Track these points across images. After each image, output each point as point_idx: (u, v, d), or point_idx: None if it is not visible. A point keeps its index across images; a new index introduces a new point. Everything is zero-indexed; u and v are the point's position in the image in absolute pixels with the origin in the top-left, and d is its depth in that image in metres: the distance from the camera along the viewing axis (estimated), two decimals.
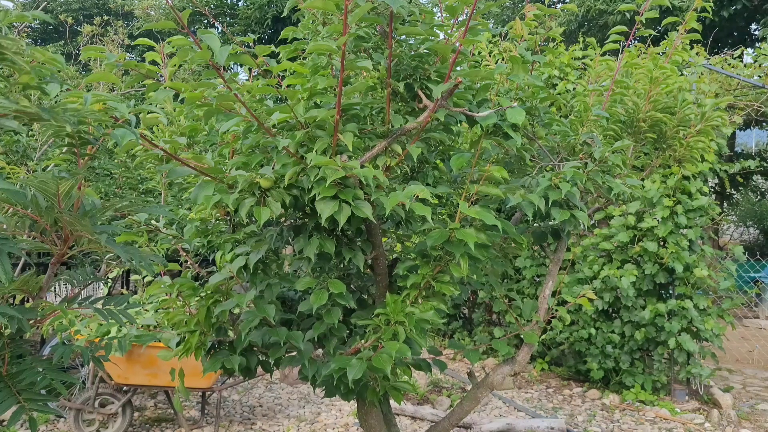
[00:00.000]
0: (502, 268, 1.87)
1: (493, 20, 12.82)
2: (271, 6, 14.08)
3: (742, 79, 5.36)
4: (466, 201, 1.45)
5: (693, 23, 2.16)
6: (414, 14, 1.37)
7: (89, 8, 16.63)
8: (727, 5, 9.65)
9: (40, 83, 1.22)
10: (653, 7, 1.95)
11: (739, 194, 10.75)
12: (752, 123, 6.14)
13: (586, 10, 10.49)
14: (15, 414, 0.95)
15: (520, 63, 1.55)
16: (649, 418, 4.23)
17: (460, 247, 1.41)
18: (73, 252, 1.04)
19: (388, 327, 1.57)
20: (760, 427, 4.10)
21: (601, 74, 3.03)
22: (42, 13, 1.24)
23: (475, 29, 1.46)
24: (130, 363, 3.52)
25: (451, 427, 2.01)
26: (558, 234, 1.86)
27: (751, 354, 5.87)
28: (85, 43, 5.39)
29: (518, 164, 1.86)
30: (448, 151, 1.76)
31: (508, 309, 2.42)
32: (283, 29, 1.70)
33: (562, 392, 4.79)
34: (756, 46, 6.23)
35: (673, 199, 4.43)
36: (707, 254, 4.52)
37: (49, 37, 16.52)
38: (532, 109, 1.74)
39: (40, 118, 1.00)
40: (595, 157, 1.72)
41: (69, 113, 1.06)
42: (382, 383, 1.72)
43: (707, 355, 4.52)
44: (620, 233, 4.56)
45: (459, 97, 1.46)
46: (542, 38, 2.01)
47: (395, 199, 1.27)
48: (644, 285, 4.49)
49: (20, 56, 1.07)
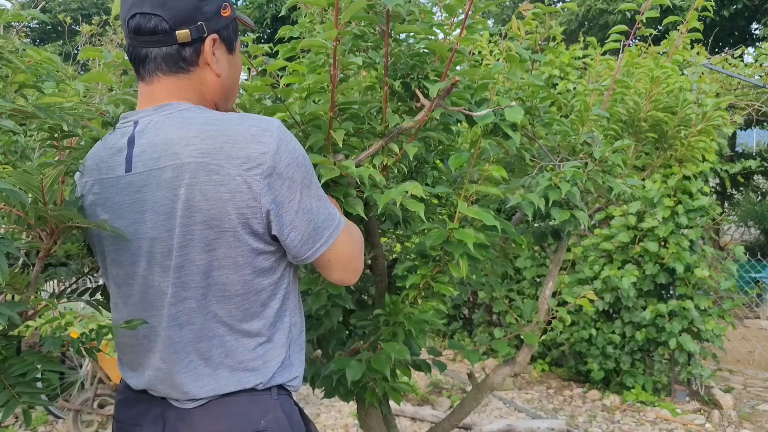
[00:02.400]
0: (502, 269, 1.86)
1: (493, 19, 12.82)
2: (269, 5, 14.09)
3: (743, 78, 5.35)
4: (465, 201, 1.44)
5: (694, 22, 2.15)
6: (413, 14, 1.37)
7: (88, 8, 16.63)
8: (728, 4, 9.64)
9: (37, 82, 1.21)
10: (654, 7, 1.95)
11: (740, 194, 10.75)
12: (753, 123, 6.13)
13: (587, 10, 10.48)
14: (8, 407, 0.94)
15: (517, 62, 1.54)
16: (649, 418, 4.22)
17: (460, 248, 1.41)
18: (59, 247, 1.03)
19: (387, 328, 1.56)
20: (761, 428, 4.09)
21: (602, 74, 3.02)
22: (39, 12, 1.23)
23: (473, 28, 1.45)
24: None
25: (451, 428, 2.00)
26: (558, 234, 1.85)
27: (752, 354, 5.86)
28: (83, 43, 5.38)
29: (518, 164, 1.85)
30: (447, 151, 1.75)
31: (509, 309, 2.41)
32: (281, 28, 1.69)
33: (562, 393, 4.78)
34: (757, 45, 6.22)
35: (674, 199, 4.41)
36: (708, 254, 4.50)
37: (47, 36, 16.52)
38: (532, 109, 1.73)
39: (36, 117, 0.99)
40: (596, 157, 1.71)
41: (65, 111, 1.06)
42: (381, 384, 1.71)
43: (708, 356, 4.51)
44: (621, 233, 4.55)
45: (457, 96, 1.45)
46: (542, 37, 2.00)
47: (388, 195, 1.26)
48: (645, 285, 4.48)
49: (16, 55, 1.06)
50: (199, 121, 1.01)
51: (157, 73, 1.07)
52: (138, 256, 1.05)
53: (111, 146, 1.07)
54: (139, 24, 1.04)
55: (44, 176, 0.91)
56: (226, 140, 0.98)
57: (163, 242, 1.02)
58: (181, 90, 1.08)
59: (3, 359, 0.96)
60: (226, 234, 1.00)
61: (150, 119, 1.05)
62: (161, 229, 1.01)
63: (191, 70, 1.08)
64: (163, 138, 1.01)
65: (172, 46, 1.05)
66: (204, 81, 1.10)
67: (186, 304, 1.04)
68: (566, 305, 1.97)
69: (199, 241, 1.00)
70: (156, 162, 1.01)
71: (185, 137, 0.99)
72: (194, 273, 1.02)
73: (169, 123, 1.02)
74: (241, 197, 0.98)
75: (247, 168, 0.97)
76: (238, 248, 1.01)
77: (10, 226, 1.05)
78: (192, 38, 1.06)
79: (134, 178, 1.03)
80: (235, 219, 0.99)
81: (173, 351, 1.06)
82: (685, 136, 2.18)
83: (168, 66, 1.06)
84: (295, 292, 1.16)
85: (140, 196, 1.02)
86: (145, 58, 1.06)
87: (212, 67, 1.10)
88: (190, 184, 0.97)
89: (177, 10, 1.04)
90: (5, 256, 0.84)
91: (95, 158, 1.09)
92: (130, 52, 1.08)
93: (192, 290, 1.03)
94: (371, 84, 1.56)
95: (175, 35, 1.04)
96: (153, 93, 1.08)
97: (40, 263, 1.01)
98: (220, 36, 1.10)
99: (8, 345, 0.97)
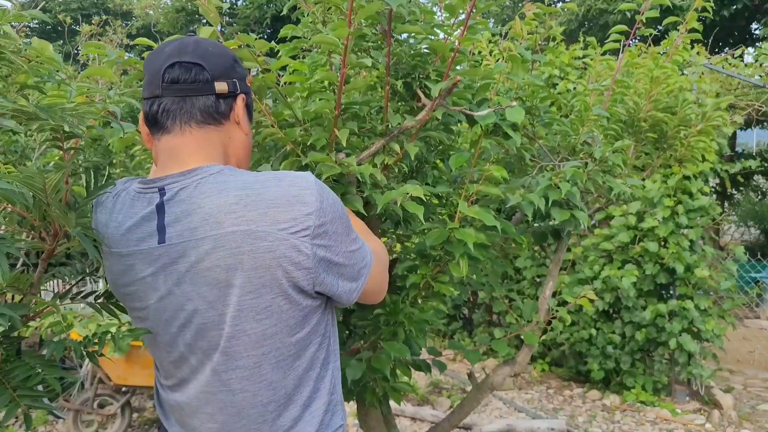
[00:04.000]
0: (502, 269, 1.86)
1: (494, 19, 12.82)
2: (270, 5, 14.09)
3: (743, 78, 5.35)
4: (465, 201, 1.44)
5: (694, 23, 2.16)
6: (414, 14, 1.37)
7: (88, 8, 16.65)
8: (728, 4, 9.64)
9: (38, 83, 1.21)
10: (654, 7, 1.95)
11: (740, 194, 10.74)
12: (753, 123, 6.13)
13: (587, 10, 10.48)
14: (9, 410, 0.94)
15: (519, 62, 1.54)
16: (649, 418, 4.22)
17: (460, 247, 1.41)
18: (61, 248, 1.03)
19: (388, 327, 1.56)
20: (761, 428, 4.09)
21: (602, 73, 3.02)
22: (40, 12, 1.23)
23: (474, 28, 1.45)
24: (129, 363, 3.51)
25: (452, 428, 2.00)
26: (558, 234, 1.85)
27: (752, 354, 5.86)
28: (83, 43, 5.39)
29: (518, 164, 1.85)
30: (447, 151, 1.75)
31: (509, 309, 2.41)
32: (282, 28, 1.69)
33: (562, 393, 4.78)
34: (757, 45, 6.22)
35: (674, 199, 4.42)
36: (708, 254, 4.51)
37: (47, 36, 16.53)
38: (532, 109, 1.73)
39: (38, 118, 0.99)
40: (596, 157, 1.71)
41: (67, 112, 1.06)
42: (381, 384, 1.71)
43: (708, 356, 4.51)
44: (621, 233, 4.55)
45: (458, 96, 1.45)
46: (542, 37, 2.00)
47: (388, 196, 1.26)
48: (645, 285, 4.48)
49: (17, 55, 1.06)
50: (236, 185, 0.99)
51: (190, 124, 1.05)
52: (177, 326, 1.04)
53: (136, 214, 1.03)
54: (178, 74, 1.03)
55: (48, 178, 0.91)
56: (269, 204, 0.96)
57: (204, 314, 1.01)
58: (211, 145, 1.06)
59: (4, 360, 0.96)
60: (278, 299, 1.00)
61: (179, 185, 1.01)
62: (202, 300, 1.00)
63: (223, 124, 1.07)
64: (198, 206, 0.98)
65: (210, 96, 1.05)
66: (232, 137, 1.10)
67: (237, 373, 1.04)
68: (566, 305, 1.97)
69: (249, 311, 0.99)
70: (193, 232, 0.98)
71: (225, 205, 0.97)
72: (246, 343, 1.01)
73: (202, 190, 0.99)
74: (289, 261, 0.97)
75: (294, 231, 0.96)
76: (290, 311, 1.02)
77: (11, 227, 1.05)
78: (228, 91, 1.06)
79: (169, 250, 1.00)
80: (286, 283, 0.98)
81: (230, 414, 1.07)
82: (685, 136, 2.18)
83: (203, 116, 1.05)
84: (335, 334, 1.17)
85: (176, 267, 1.00)
86: (179, 109, 1.04)
87: (242, 125, 1.10)
88: (236, 253, 0.96)
89: (216, 64, 1.06)
90: (5, 256, 0.84)
91: (120, 231, 1.05)
92: (157, 106, 1.05)
93: (244, 359, 1.03)
94: (372, 83, 1.56)
95: (214, 86, 1.05)
96: (178, 148, 1.05)
97: (43, 264, 1.01)
98: (246, 99, 1.11)
99: (9, 346, 0.97)
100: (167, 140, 1.05)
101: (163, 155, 1.06)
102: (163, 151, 1.06)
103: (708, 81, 4.81)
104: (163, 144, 1.06)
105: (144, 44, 1.46)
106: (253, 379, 1.04)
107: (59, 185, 0.93)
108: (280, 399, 1.06)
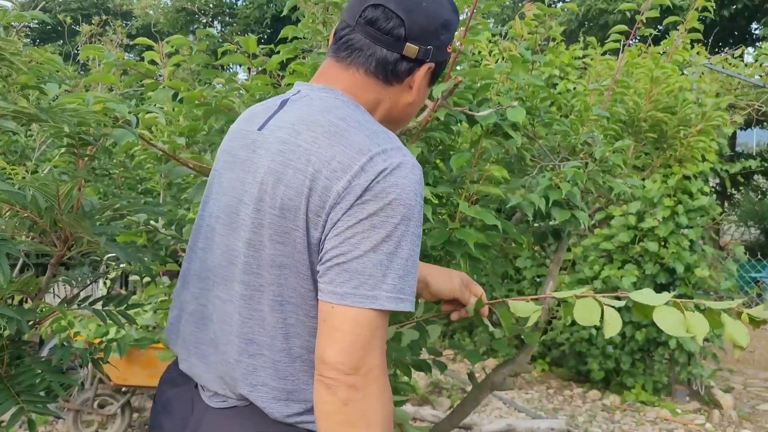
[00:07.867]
0: (502, 269, 1.86)
1: (494, 19, 12.83)
2: (270, 5, 14.09)
3: (743, 78, 5.35)
4: (466, 201, 1.44)
5: (694, 22, 2.16)
6: None
7: (88, 8, 16.65)
8: (728, 4, 9.64)
9: (39, 83, 1.21)
10: (654, 7, 1.95)
11: (740, 194, 10.75)
12: (753, 123, 6.13)
13: (587, 10, 10.49)
14: (14, 415, 0.94)
15: (519, 62, 1.54)
16: (650, 418, 4.22)
17: (460, 247, 1.41)
18: (72, 253, 1.03)
19: None
20: (761, 428, 4.09)
21: (602, 73, 3.03)
22: (40, 12, 1.23)
23: (476, 29, 1.46)
24: (129, 364, 3.51)
25: (452, 428, 2.00)
26: (558, 234, 1.85)
27: (753, 354, 5.86)
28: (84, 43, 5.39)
29: (519, 164, 1.85)
30: (448, 151, 1.75)
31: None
32: (283, 29, 1.69)
33: (562, 393, 4.78)
34: (757, 45, 6.23)
35: (673, 199, 4.42)
36: (708, 254, 4.51)
37: (47, 36, 16.52)
38: (532, 109, 1.74)
39: (38, 119, 0.99)
40: (596, 157, 1.71)
41: (68, 114, 1.06)
42: None
43: (708, 356, 4.51)
44: (621, 233, 4.55)
45: (459, 97, 1.45)
46: (542, 38, 2.00)
47: None
48: (645, 285, 4.48)
49: (18, 56, 1.06)
50: (338, 114, 0.95)
51: (359, 69, 1.01)
52: (226, 213, 1.01)
53: (267, 105, 1.07)
54: (377, 17, 0.99)
55: (61, 185, 0.92)
56: (342, 144, 0.91)
57: (247, 208, 0.97)
58: (364, 92, 1.02)
59: (9, 363, 0.96)
60: (294, 232, 0.92)
61: (308, 93, 1.02)
62: (251, 194, 0.96)
63: (392, 85, 1.03)
64: (300, 113, 0.98)
65: (394, 53, 1.00)
66: (393, 99, 1.05)
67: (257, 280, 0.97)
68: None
69: (269, 227, 0.94)
70: (277, 130, 0.97)
71: (315, 122, 0.94)
72: (262, 258, 0.95)
73: (316, 104, 0.98)
74: (314, 200, 0.90)
75: (337, 177, 0.89)
76: (302, 254, 0.93)
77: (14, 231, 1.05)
78: (416, 57, 1.01)
79: (258, 137, 1.00)
80: (302, 221, 0.91)
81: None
82: (685, 136, 2.18)
83: (376, 70, 1.01)
84: None
85: (253, 156, 0.98)
86: (360, 49, 1.00)
87: (412, 92, 1.05)
88: (284, 163, 0.93)
89: (418, 24, 1.00)
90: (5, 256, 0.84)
91: (251, 111, 1.08)
92: (345, 33, 1.02)
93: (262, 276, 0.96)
94: None
95: (404, 46, 1.00)
96: (338, 77, 1.03)
97: (52, 269, 1.01)
98: (435, 68, 1.06)
99: (15, 350, 0.97)
100: (333, 65, 1.04)
101: (323, 71, 1.05)
102: (327, 68, 1.05)
103: (708, 81, 4.81)
104: (330, 64, 1.05)
105: (144, 44, 1.46)
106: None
107: (71, 192, 0.93)
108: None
